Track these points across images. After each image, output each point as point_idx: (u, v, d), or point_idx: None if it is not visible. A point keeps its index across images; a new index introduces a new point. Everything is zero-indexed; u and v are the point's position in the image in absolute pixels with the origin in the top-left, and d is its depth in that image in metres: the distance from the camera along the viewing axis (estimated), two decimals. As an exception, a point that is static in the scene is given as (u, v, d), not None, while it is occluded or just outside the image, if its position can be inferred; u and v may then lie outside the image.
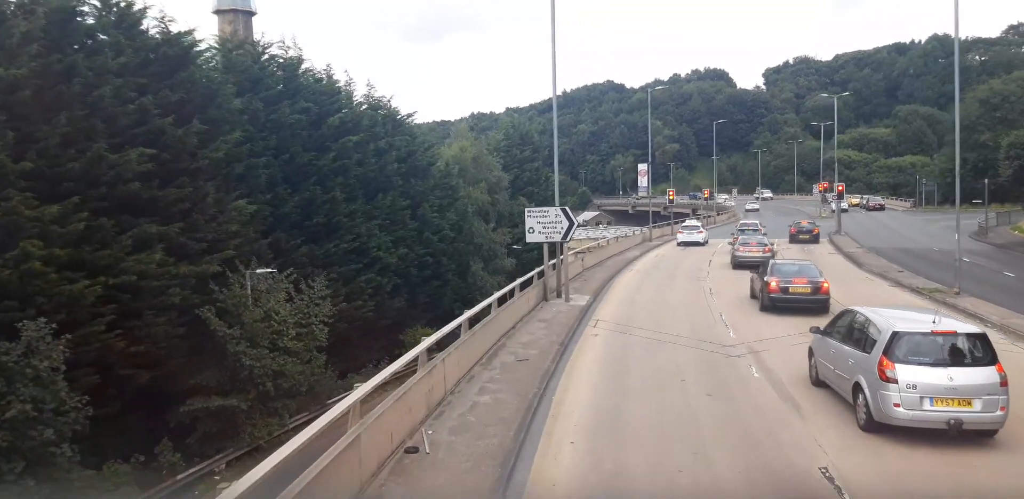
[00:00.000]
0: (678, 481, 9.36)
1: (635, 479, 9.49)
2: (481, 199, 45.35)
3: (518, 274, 51.90)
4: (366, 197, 33.95)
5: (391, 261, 33.58)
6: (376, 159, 34.82)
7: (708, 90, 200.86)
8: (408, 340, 36.09)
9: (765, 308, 23.19)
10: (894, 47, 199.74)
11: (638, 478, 9.52)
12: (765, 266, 24.75)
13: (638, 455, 10.23)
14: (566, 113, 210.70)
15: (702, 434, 11.14)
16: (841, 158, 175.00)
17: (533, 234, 22.83)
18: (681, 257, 40.03)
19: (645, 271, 33.88)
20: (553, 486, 9.25)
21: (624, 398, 13.12)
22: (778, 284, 22.93)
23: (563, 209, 22.92)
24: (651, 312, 22.52)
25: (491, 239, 45.08)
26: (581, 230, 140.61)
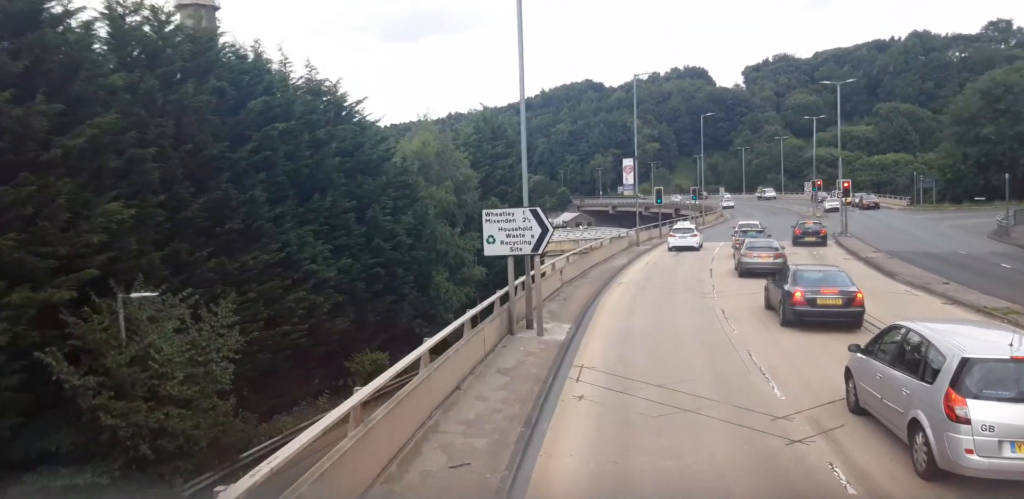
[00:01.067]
0: None
1: None
2: (446, 200, 39.20)
3: (490, 284, 45.80)
4: (299, 197, 27.74)
5: (329, 275, 27.36)
6: (313, 152, 28.62)
7: (688, 88, 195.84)
8: (356, 368, 30.10)
9: (788, 323, 19.50)
10: (874, 44, 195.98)
11: None
12: (783, 274, 21.12)
13: None
14: (544, 112, 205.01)
15: None
16: (823, 156, 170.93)
17: (493, 245, 16.72)
18: (676, 264, 34.16)
19: (637, 284, 27.81)
20: None
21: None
22: (803, 295, 19.21)
23: (534, 211, 16.71)
24: (653, 351, 16.52)
25: (457, 245, 38.97)
26: (561, 232, 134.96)
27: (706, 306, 22.14)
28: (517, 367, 14.13)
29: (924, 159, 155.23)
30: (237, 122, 25.42)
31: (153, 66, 23.92)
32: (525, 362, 14.54)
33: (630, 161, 45.69)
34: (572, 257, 30.32)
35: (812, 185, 70.71)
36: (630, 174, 43.84)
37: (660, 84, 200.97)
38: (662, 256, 38.94)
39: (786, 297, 19.56)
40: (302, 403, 27.34)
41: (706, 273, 30.62)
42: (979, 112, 70.53)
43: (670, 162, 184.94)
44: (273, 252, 25.12)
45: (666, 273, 30.86)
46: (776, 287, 21.52)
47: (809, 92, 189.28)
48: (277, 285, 25.22)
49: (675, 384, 13.15)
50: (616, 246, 40.12)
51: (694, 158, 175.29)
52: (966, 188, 71.58)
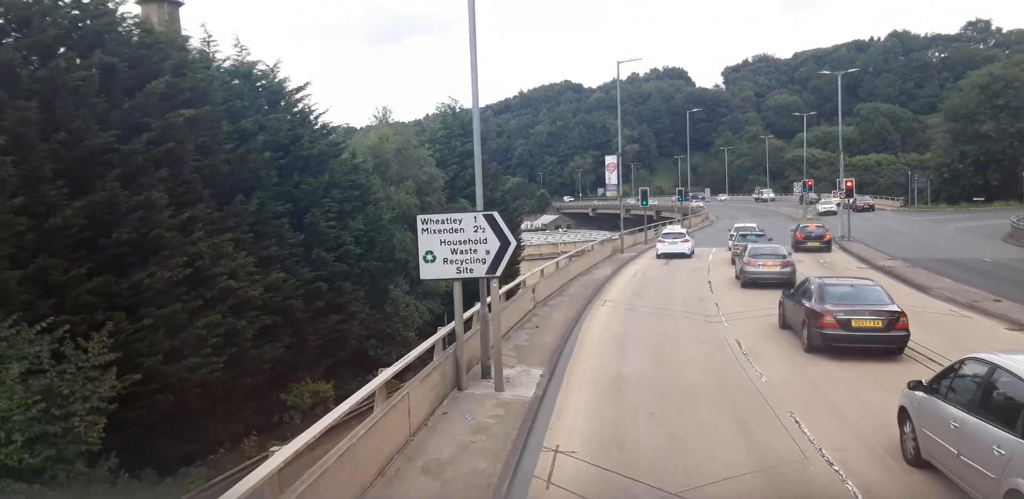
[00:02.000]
0: None
1: None
2: (406, 202, 34.27)
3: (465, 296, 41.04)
4: (216, 199, 22.73)
5: (253, 293, 22.37)
6: (236, 145, 23.64)
7: (667, 89, 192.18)
8: (294, 400, 25.19)
9: (814, 349, 15.93)
10: (853, 45, 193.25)
11: None
12: (804, 288, 17.62)
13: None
14: (523, 113, 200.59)
15: None
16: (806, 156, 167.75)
17: (433, 264, 11.59)
18: (668, 275, 29.43)
19: (626, 303, 22.84)
20: None
21: None
22: (835, 316, 15.54)
23: (489, 217, 11.68)
24: (659, 418, 11.30)
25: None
26: (540, 235, 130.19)
27: (716, 336, 17.36)
28: (456, 460, 8.98)
29: (906, 159, 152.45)
30: (133, 107, 20.37)
31: (23, 35, 18.94)
32: (471, 447, 9.46)
33: (613, 158, 40.64)
34: (549, 269, 25.45)
35: (803, 185, 66.37)
36: (613, 173, 38.64)
37: (639, 85, 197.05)
38: (651, 265, 34.18)
39: (811, 318, 15.90)
40: (221, 450, 22.35)
41: (704, 286, 25.95)
42: (977, 108, 66.53)
43: (650, 163, 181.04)
44: (177, 267, 20.06)
45: (659, 287, 26.07)
46: (795, 304, 17.56)
47: (789, 92, 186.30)
48: (182, 308, 20.18)
49: (701, 490, 8.30)
50: (598, 254, 35.33)
51: (674, 159, 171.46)
52: (963, 188, 67.64)
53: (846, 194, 44.05)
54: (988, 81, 68.01)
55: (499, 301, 14.95)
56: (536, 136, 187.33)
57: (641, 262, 35.31)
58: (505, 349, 14.31)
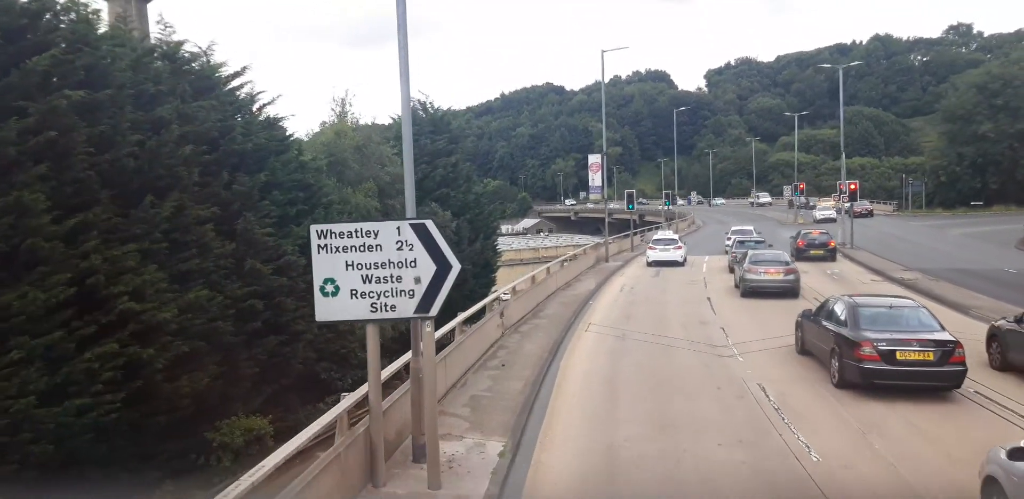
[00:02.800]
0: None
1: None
2: (365, 205, 30.33)
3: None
4: (119, 202, 18.70)
5: (164, 315, 18.36)
6: (147, 137, 19.63)
7: (650, 92, 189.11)
8: (223, 439, 21.21)
9: (847, 384, 13.25)
10: (836, 48, 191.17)
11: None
12: (829, 308, 15.01)
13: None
14: (504, 116, 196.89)
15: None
16: (788, 160, 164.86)
17: (333, 298, 7.64)
18: (660, 289, 25.69)
19: (614, 328, 18.98)
20: None
21: None
22: (876, 346, 12.83)
23: (420, 227, 7.77)
24: None
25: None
26: (521, 239, 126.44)
27: (732, 378, 13.57)
28: None
29: (890, 163, 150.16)
30: (6, 87, 16.37)
31: None
32: None
33: (597, 158, 36.79)
34: (523, 284, 21.60)
35: (794, 189, 63.01)
36: (597, 173, 35.07)
37: (621, 87, 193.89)
38: (640, 276, 30.43)
39: (844, 347, 13.27)
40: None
41: (704, 303, 22.26)
42: (975, 108, 63.41)
43: (632, 167, 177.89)
44: (60, 287, 16.05)
45: (651, 305, 22.30)
46: (818, 327, 14.72)
47: (772, 96, 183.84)
48: (67, 337, 16.17)
49: None
50: (581, 263, 31.53)
51: (657, 163, 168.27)
52: (960, 191, 64.49)
53: (848, 198, 40.40)
54: (986, 80, 64.92)
55: (431, 356, 11.02)
56: (517, 138, 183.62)
57: (629, 273, 31.56)
58: (457, 403, 10.52)
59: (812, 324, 15.17)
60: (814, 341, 15.03)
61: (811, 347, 15.27)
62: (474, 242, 39.68)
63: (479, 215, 41.36)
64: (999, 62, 73.36)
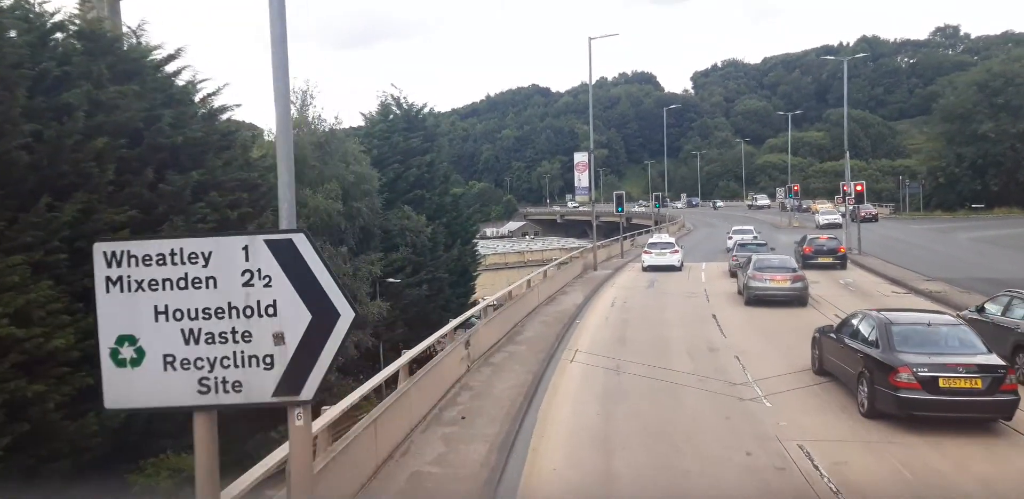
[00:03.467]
0: None
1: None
2: (326, 208, 27.09)
3: (397, 322, 33.68)
4: (10, 203, 15.45)
5: (56, 344, 15.13)
6: (48, 126, 16.36)
7: (636, 94, 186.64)
8: (144, 481, 17.96)
9: (876, 414, 11.18)
10: (823, 49, 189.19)
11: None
12: (854, 324, 12.88)
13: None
14: (490, 118, 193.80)
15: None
16: (776, 162, 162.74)
17: (134, 370, 4.33)
18: (657, 306, 22.23)
19: (606, 359, 15.13)
20: None
21: None
22: (916, 372, 10.62)
23: (282, 245, 4.37)
24: None
25: (342, 272, 26.96)
26: (506, 242, 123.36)
27: (761, 435, 10.25)
28: None
29: (878, 165, 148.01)
30: None
31: None
32: None
33: (583, 156, 33.33)
34: (499, 299, 18.35)
35: (787, 191, 60.16)
36: (584, 173, 31.83)
37: (608, 89, 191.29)
38: (633, 286, 27.23)
39: (876, 372, 11.28)
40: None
41: (710, 322, 19.07)
42: (975, 107, 60.68)
43: (619, 169, 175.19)
44: None
45: (648, 324, 19.04)
46: (841, 347, 12.81)
47: (759, 97, 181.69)
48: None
49: None
50: (567, 273, 28.30)
51: (643, 165, 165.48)
52: (960, 193, 61.73)
53: (855, 200, 37.27)
54: (986, 78, 62.18)
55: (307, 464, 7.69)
56: (503, 141, 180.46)
57: (620, 282, 28.40)
58: (389, 491, 7.23)
59: (833, 342, 13.14)
60: (836, 361, 13.03)
61: (832, 367, 13.30)
62: (451, 248, 36.47)
63: (457, 219, 38.15)
64: (1000, 59, 70.70)
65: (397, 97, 38.06)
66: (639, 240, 49.40)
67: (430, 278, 33.68)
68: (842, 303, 21.47)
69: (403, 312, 32.57)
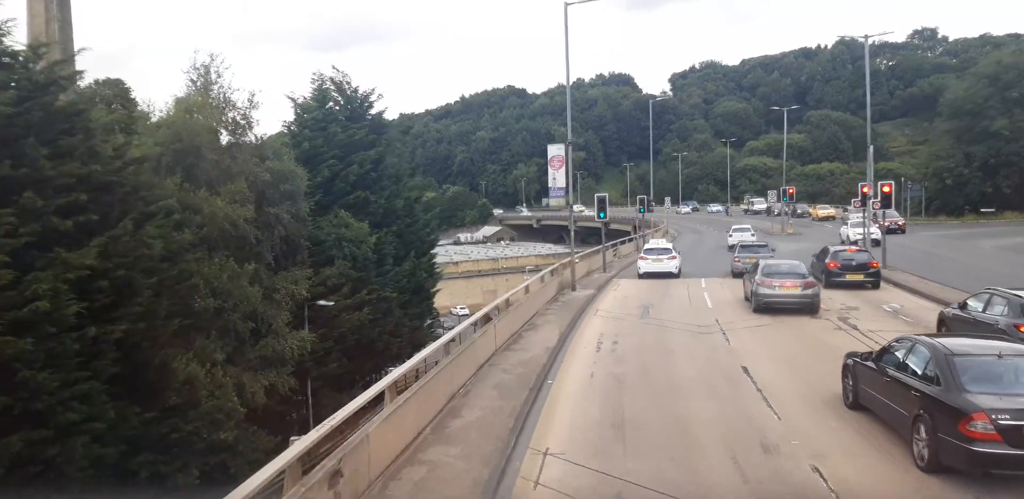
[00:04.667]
0: None
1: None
2: (228, 216, 20.81)
3: (330, 355, 27.48)
4: None
5: None
6: None
7: (614, 95, 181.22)
8: None
9: (940, 469, 8.68)
10: (801, 52, 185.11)
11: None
12: (902, 353, 10.21)
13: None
14: (464, 119, 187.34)
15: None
16: (757, 165, 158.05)
17: None
18: (660, 350, 15.22)
19: (595, 479, 8.48)
20: None
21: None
22: (996, 420, 8.19)
23: None
24: None
25: (249, 296, 20.69)
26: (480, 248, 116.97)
27: None
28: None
29: (860, 169, 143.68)
30: None
31: None
32: None
33: (559, 149, 26.79)
34: (429, 357, 11.94)
35: (782, 193, 54.48)
36: (560, 170, 25.52)
37: (585, 90, 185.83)
38: (623, 314, 20.89)
39: (939, 416, 8.66)
40: None
41: (744, 383, 12.85)
42: (985, 103, 55.25)
43: (596, 172, 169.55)
44: None
45: (654, 390, 12.16)
46: (882, 378, 10.28)
47: (738, 99, 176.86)
48: None
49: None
50: (539, 296, 21.95)
51: (621, 169, 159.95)
52: (967, 196, 56.22)
53: (880, 203, 31.15)
54: (996, 71, 56.65)
55: None
56: (478, 143, 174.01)
57: (606, 307, 22.20)
58: None
59: (873, 373, 10.84)
60: (878, 397, 10.64)
61: (872, 403, 10.94)
62: (403, 261, 30.25)
63: (411, 226, 31.94)
64: (1011, 51, 65.34)
65: (340, 81, 31.80)
66: (622, 250, 43.37)
67: (374, 298, 27.46)
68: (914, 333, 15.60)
69: (339, 342, 26.32)
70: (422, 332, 31.95)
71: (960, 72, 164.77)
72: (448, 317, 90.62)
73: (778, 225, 58.87)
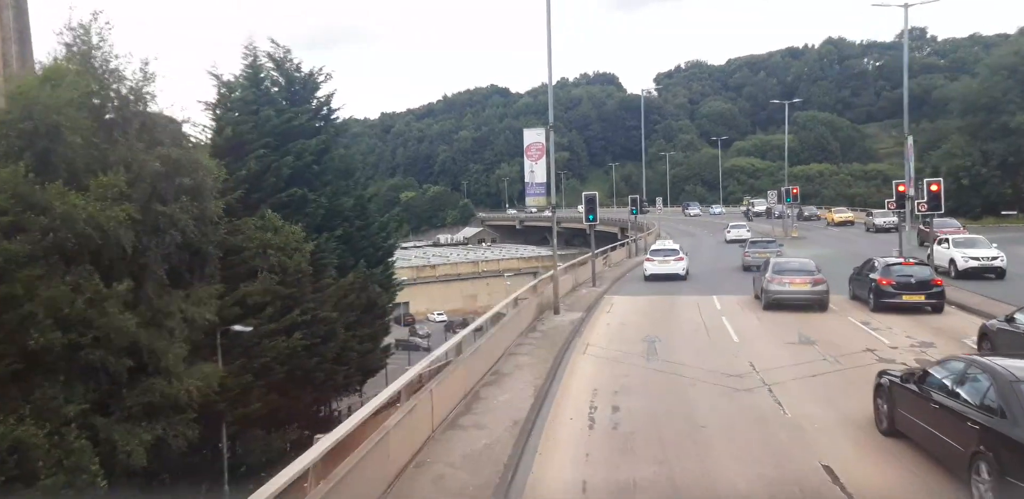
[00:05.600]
0: None
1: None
2: (95, 218, 15.20)
3: (252, 400, 21.72)
4: None
5: None
6: None
7: (598, 95, 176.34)
8: None
9: None
10: (788, 51, 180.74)
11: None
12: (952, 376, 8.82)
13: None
14: (447, 118, 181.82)
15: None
16: (744, 166, 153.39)
17: None
18: (684, 417, 10.08)
19: None
20: None
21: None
22: None
23: None
24: None
25: (120, 325, 14.98)
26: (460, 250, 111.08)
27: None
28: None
29: (849, 170, 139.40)
30: None
31: None
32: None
33: (537, 135, 20.83)
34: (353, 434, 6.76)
35: (785, 194, 49.47)
36: (539, 161, 19.80)
37: (569, 90, 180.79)
38: (622, 356, 15.12)
39: (1007, 455, 7.21)
40: None
41: (819, 476, 7.72)
42: (1005, 96, 50.41)
43: (580, 172, 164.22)
44: None
45: None
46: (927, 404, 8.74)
47: (724, 100, 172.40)
48: None
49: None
50: (511, 327, 16.31)
51: (606, 169, 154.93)
52: (986, 197, 51.34)
53: (928, 204, 26.20)
54: (1015, 62, 51.72)
55: None
56: (460, 142, 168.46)
57: (597, 341, 16.59)
58: None
59: (915, 396, 8.98)
60: (921, 424, 8.78)
61: (912, 431, 9.05)
62: (349, 270, 24.72)
63: (363, 230, 26.44)
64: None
65: (279, 57, 26.26)
66: (613, 257, 37.99)
67: (309, 319, 21.93)
68: None
69: (262, 375, 20.81)
70: (375, 356, 26.48)
71: (949, 72, 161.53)
72: (424, 323, 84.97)
73: (779, 228, 53.81)
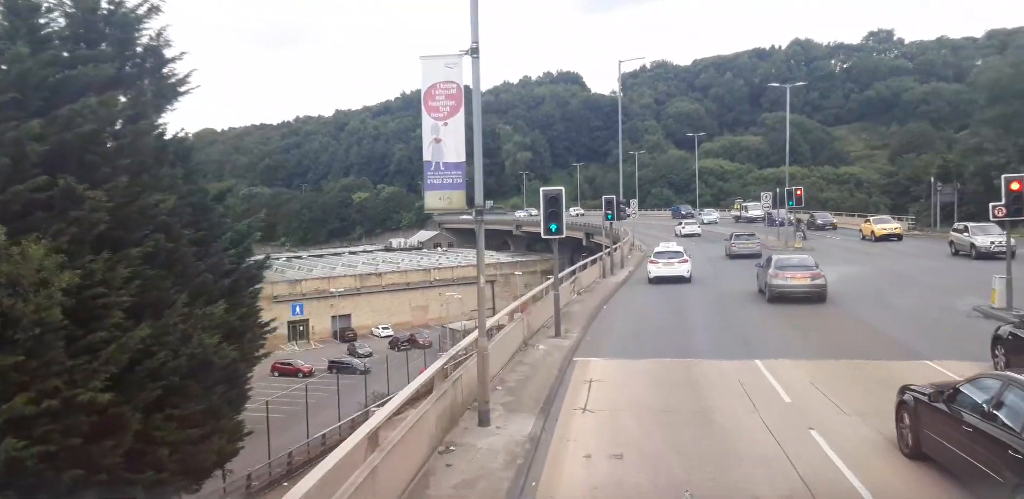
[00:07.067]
0: None
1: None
2: None
3: None
4: None
5: None
6: None
7: (562, 94, 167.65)
8: None
9: None
10: (755, 52, 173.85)
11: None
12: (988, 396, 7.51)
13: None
14: (404, 115, 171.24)
15: None
16: (713, 168, 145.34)
17: None
18: None
19: None
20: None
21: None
22: None
23: None
24: None
25: None
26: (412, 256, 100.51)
27: None
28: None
29: (821, 172, 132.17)
30: None
31: None
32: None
33: (447, 66, 8.65)
34: None
35: (787, 196, 40.86)
36: (451, 119, 9.56)
37: (532, 89, 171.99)
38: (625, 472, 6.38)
39: None
40: None
41: None
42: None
43: (543, 173, 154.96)
44: None
45: None
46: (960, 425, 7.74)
47: (690, 100, 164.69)
48: None
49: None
50: (430, 419, 7.20)
51: (569, 170, 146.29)
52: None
53: (1008, 207, 17.99)
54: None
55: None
56: (417, 141, 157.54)
57: (592, 426, 6.76)
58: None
59: (944, 417, 8.05)
60: (952, 449, 7.82)
61: (942, 455, 8.13)
62: (162, 313, 14.72)
63: (202, 244, 16.49)
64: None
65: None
66: (583, 279, 28.02)
67: (56, 408, 11.90)
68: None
69: None
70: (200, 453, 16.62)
71: (917, 75, 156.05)
72: (367, 339, 74.83)
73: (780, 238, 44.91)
